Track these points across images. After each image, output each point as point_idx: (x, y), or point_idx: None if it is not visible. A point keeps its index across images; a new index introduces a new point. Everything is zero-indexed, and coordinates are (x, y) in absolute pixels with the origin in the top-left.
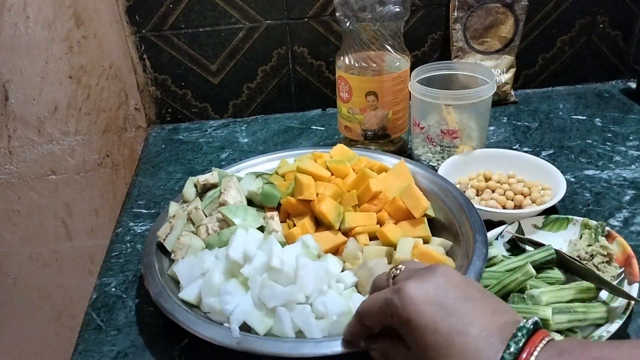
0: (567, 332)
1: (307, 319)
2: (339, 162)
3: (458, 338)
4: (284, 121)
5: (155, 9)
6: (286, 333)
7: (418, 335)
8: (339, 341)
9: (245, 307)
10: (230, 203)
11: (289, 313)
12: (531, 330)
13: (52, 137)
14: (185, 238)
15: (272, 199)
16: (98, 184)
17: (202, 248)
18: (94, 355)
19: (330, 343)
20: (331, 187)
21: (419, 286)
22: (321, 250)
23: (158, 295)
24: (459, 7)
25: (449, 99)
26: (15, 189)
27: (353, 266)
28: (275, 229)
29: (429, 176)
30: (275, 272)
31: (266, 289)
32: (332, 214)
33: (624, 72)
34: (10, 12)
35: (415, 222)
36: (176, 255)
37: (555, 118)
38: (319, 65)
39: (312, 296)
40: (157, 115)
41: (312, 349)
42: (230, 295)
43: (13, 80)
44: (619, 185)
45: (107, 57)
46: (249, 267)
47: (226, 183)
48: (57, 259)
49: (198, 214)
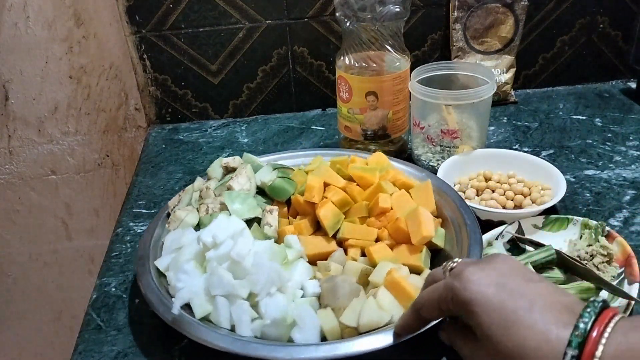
0: None
1: (241, 316)
2: (367, 170)
3: (525, 314)
4: (284, 121)
5: (155, 9)
6: (220, 323)
7: (483, 316)
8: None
9: (195, 288)
10: (235, 189)
11: (228, 305)
12: (600, 307)
13: (52, 137)
14: (180, 212)
15: (281, 193)
16: (98, 184)
17: (193, 225)
18: (94, 355)
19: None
20: (339, 194)
21: (480, 269)
22: (304, 253)
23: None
24: (459, 7)
25: (449, 99)
26: (15, 189)
27: (323, 277)
28: (270, 223)
29: (455, 204)
30: (234, 264)
31: (214, 277)
32: (330, 220)
33: (624, 72)
34: (10, 12)
35: (413, 249)
36: (169, 226)
37: (555, 118)
38: (319, 65)
39: (260, 295)
40: (157, 115)
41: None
42: (185, 274)
43: (13, 80)
44: (619, 185)
45: (107, 57)
46: (214, 252)
47: (240, 169)
48: (57, 259)
49: (208, 192)
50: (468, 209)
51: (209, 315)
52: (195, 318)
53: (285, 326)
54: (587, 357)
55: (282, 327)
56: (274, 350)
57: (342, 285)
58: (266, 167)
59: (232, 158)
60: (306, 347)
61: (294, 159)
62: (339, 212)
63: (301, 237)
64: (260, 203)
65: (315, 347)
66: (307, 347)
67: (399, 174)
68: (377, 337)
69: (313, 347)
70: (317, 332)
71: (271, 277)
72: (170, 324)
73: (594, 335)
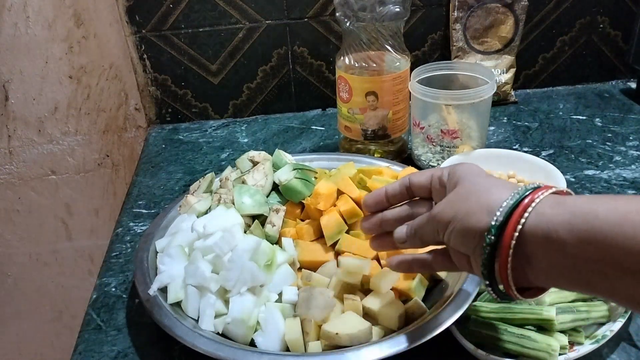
0: (571, 332)
1: (206, 309)
2: (387, 183)
3: (491, 187)
4: (284, 121)
5: (155, 9)
6: (187, 312)
7: (464, 181)
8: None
9: (174, 273)
10: (248, 183)
11: (198, 296)
12: (535, 187)
13: (52, 137)
14: (192, 197)
15: (294, 194)
16: (98, 184)
17: (201, 212)
18: (94, 355)
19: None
20: (348, 204)
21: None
22: (296, 258)
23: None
24: (459, 7)
25: (449, 99)
26: (15, 189)
27: (304, 286)
28: (274, 223)
29: None
30: (217, 257)
31: (192, 266)
32: (331, 230)
33: (624, 72)
34: (10, 12)
35: (407, 275)
36: (180, 210)
37: (555, 118)
38: (319, 65)
39: (232, 292)
40: (157, 115)
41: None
42: (170, 258)
43: (13, 80)
44: (619, 185)
45: (107, 57)
46: (201, 242)
47: (259, 165)
48: (57, 259)
49: (227, 183)
50: None
51: (181, 302)
52: (167, 302)
53: (246, 327)
54: (511, 224)
55: (243, 328)
56: (195, 339)
57: (317, 297)
58: (287, 166)
59: (258, 152)
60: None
61: (331, 161)
62: (341, 223)
63: (300, 241)
64: (271, 201)
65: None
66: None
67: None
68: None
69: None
70: (279, 340)
71: (244, 276)
72: (144, 302)
73: (522, 205)
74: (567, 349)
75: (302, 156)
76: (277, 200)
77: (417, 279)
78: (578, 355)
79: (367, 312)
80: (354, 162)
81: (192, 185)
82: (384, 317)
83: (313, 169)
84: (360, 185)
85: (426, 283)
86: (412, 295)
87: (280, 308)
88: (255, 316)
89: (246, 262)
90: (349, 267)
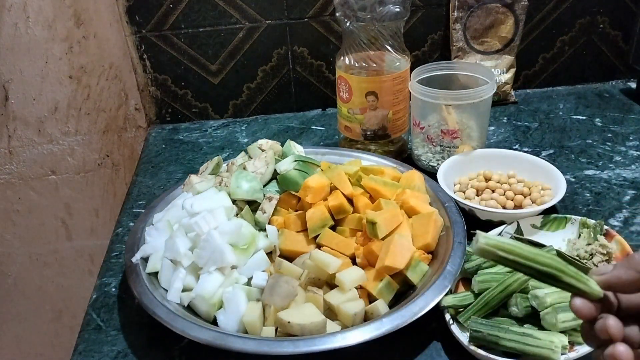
0: (571, 332)
1: (175, 282)
2: (384, 184)
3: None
4: (284, 121)
5: (155, 9)
6: (161, 282)
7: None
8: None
9: (157, 246)
10: (248, 170)
11: (172, 269)
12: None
13: (52, 137)
14: (195, 177)
15: (289, 184)
16: (98, 184)
17: (200, 192)
18: (94, 355)
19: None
20: (338, 200)
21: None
22: (277, 246)
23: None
24: (459, 7)
25: (449, 99)
26: (15, 189)
27: (274, 273)
28: (265, 210)
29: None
30: (198, 236)
31: (170, 240)
32: (314, 222)
33: (624, 72)
34: (10, 12)
35: (377, 275)
36: (183, 188)
37: (555, 118)
38: (319, 65)
39: (203, 270)
40: (157, 115)
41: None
42: (157, 230)
43: (13, 80)
44: (619, 185)
45: (107, 57)
46: (187, 220)
47: (262, 153)
48: (57, 259)
49: (232, 168)
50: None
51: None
52: (145, 271)
53: (209, 304)
54: None
55: (205, 305)
56: (157, 307)
57: (282, 285)
58: (290, 157)
59: (266, 141)
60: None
61: (342, 157)
62: (327, 217)
63: (286, 230)
64: (270, 189)
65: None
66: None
67: (412, 197)
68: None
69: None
70: (237, 320)
71: (215, 256)
72: (126, 268)
73: None
74: (568, 349)
75: (315, 149)
76: (275, 189)
77: (385, 281)
78: (578, 355)
79: (328, 306)
80: (361, 160)
81: (202, 167)
82: (341, 313)
83: (316, 162)
84: (358, 182)
85: (396, 287)
86: (377, 296)
87: (247, 291)
88: (220, 295)
89: (219, 243)
90: (317, 261)
